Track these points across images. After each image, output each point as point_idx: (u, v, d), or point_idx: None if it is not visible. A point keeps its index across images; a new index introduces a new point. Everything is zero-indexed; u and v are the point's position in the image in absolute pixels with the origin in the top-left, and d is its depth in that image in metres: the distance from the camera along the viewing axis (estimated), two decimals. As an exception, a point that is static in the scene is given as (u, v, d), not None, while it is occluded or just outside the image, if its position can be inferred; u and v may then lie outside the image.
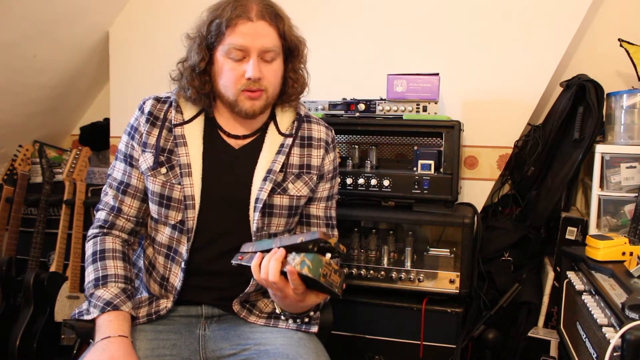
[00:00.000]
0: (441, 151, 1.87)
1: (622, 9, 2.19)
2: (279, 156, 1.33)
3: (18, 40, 2.26)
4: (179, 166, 1.28)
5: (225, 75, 1.25)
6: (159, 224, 1.32)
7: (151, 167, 1.28)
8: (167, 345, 1.24)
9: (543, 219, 2.09)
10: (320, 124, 1.42)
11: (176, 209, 1.28)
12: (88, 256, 1.28)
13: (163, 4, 2.57)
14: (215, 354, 1.25)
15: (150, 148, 1.29)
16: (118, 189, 1.32)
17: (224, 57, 1.25)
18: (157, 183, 1.28)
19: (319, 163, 1.38)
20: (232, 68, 1.24)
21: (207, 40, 1.26)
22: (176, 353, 1.23)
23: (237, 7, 1.23)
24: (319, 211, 1.42)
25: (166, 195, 1.28)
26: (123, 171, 1.32)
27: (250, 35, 1.22)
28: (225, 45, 1.23)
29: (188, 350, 1.25)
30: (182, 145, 1.29)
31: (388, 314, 1.84)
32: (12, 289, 2.30)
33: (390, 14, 2.30)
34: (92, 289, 1.22)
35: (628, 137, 1.83)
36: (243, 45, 1.22)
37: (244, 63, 1.24)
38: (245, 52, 1.23)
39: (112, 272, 1.24)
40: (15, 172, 2.55)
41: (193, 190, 1.27)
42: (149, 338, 1.24)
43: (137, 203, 1.33)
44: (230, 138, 1.34)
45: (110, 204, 1.32)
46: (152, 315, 1.28)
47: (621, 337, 1.04)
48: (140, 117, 1.32)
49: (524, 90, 2.15)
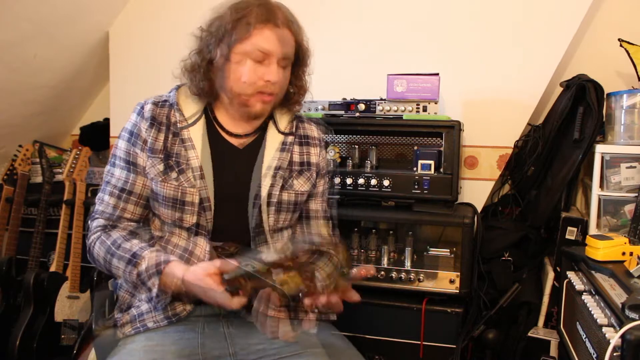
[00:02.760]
0: (441, 151, 1.87)
1: (622, 9, 2.19)
2: (284, 154, 1.36)
3: (18, 40, 2.26)
4: (190, 169, 1.28)
5: (244, 75, 1.25)
6: (174, 227, 1.30)
7: (162, 172, 1.28)
8: (195, 345, 1.23)
9: (543, 219, 2.08)
10: (312, 122, 1.47)
11: (191, 212, 1.27)
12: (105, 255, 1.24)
13: (163, 4, 2.57)
14: (245, 349, 1.24)
15: (157, 153, 1.28)
16: (120, 197, 1.29)
17: (243, 56, 1.25)
18: (168, 188, 1.27)
19: (318, 160, 1.43)
20: (253, 69, 1.25)
21: (230, 37, 1.24)
22: (206, 352, 1.22)
23: (266, 12, 1.24)
24: (317, 205, 1.45)
25: (179, 199, 1.27)
26: (125, 179, 1.29)
27: (276, 40, 1.24)
28: (249, 45, 1.23)
29: (217, 349, 1.24)
30: (190, 148, 1.29)
31: (388, 314, 1.84)
32: (12, 289, 2.30)
33: (390, 14, 2.30)
34: (133, 271, 1.19)
35: (628, 137, 1.83)
36: (268, 49, 1.24)
37: (263, 66, 1.25)
38: (267, 55, 1.25)
39: (136, 248, 1.22)
40: (15, 172, 2.55)
41: (208, 192, 1.28)
42: (175, 339, 1.22)
43: (140, 210, 1.32)
44: (232, 137, 1.35)
45: (107, 213, 1.29)
46: (171, 318, 1.26)
47: (621, 337, 1.03)
48: (140, 123, 1.29)
49: (524, 90, 2.15)
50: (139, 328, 1.25)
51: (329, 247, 1.15)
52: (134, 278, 1.20)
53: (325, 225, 1.47)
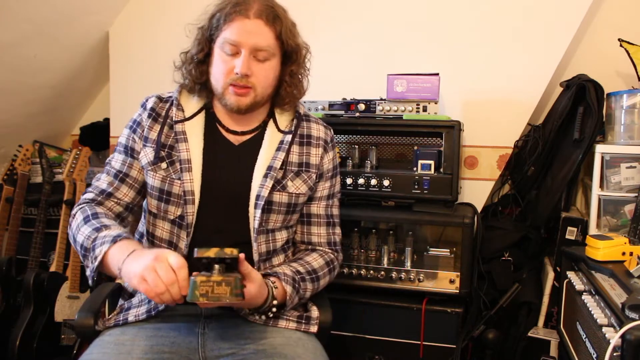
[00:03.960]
0: (441, 151, 1.87)
1: (622, 9, 2.19)
2: (279, 153, 1.34)
3: (18, 40, 2.26)
4: (179, 161, 1.29)
5: (216, 67, 1.30)
6: (157, 219, 1.33)
7: (152, 161, 1.30)
8: (166, 343, 1.24)
9: (543, 219, 2.08)
10: (319, 123, 1.45)
11: (176, 204, 1.29)
12: (79, 222, 1.24)
13: (163, 4, 2.57)
14: (214, 352, 1.25)
15: (151, 143, 1.32)
16: (116, 177, 1.32)
17: (219, 50, 1.29)
18: (157, 178, 1.30)
19: (318, 162, 1.40)
20: (223, 61, 1.28)
21: (208, 32, 1.30)
22: (175, 351, 1.23)
23: (239, 4, 1.26)
24: (319, 210, 1.43)
25: (166, 190, 1.29)
26: (122, 162, 1.34)
27: (244, 31, 1.25)
28: (221, 38, 1.28)
29: (187, 348, 1.25)
30: (182, 141, 1.31)
31: (388, 314, 1.84)
32: (12, 289, 2.30)
33: (390, 14, 2.30)
34: (94, 234, 1.18)
35: (628, 137, 1.83)
36: (235, 40, 1.25)
37: (236, 58, 1.27)
38: (237, 47, 1.26)
39: (111, 223, 1.22)
40: (15, 172, 2.55)
41: (193, 185, 1.28)
42: (148, 335, 1.24)
43: (133, 193, 1.34)
44: (230, 134, 1.36)
45: (100, 188, 1.32)
46: (151, 312, 1.28)
47: (621, 337, 1.03)
48: (143, 113, 1.35)
49: (524, 90, 2.15)
50: (119, 321, 1.28)
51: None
52: (89, 243, 1.18)
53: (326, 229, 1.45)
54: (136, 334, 1.23)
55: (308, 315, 1.35)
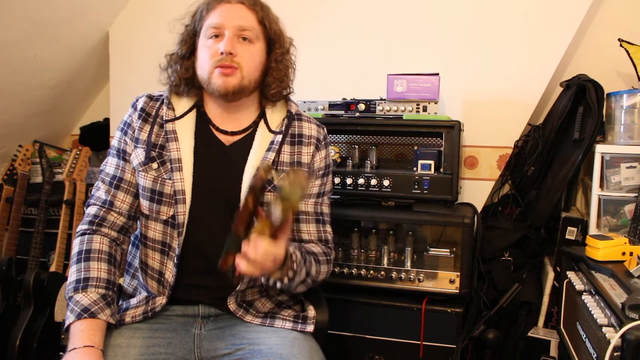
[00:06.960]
0: (441, 151, 1.87)
1: (622, 9, 2.19)
2: (269, 153, 1.33)
3: (18, 40, 2.26)
4: (169, 161, 1.29)
5: (201, 56, 1.31)
6: (150, 220, 1.32)
7: (143, 162, 1.30)
8: (162, 344, 1.24)
9: (543, 219, 2.09)
10: (311, 121, 1.43)
11: (167, 204, 1.29)
12: (73, 255, 1.27)
13: (163, 4, 2.57)
14: (210, 353, 1.26)
15: (142, 144, 1.31)
16: (111, 184, 1.32)
17: (204, 39, 1.30)
18: (148, 178, 1.29)
19: (309, 160, 1.38)
20: (208, 47, 1.29)
21: (192, 26, 1.33)
22: (171, 351, 1.23)
23: None
24: (308, 207, 1.40)
25: (157, 190, 1.29)
26: (116, 166, 1.34)
27: (226, 14, 1.28)
28: (205, 26, 1.30)
29: (183, 349, 1.25)
30: (173, 140, 1.31)
31: (388, 314, 1.84)
32: (12, 289, 2.30)
33: (390, 14, 2.30)
34: (71, 292, 1.20)
35: (628, 137, 1.83)
36: (218, 22, 1.28)
37: (220, 41, 1.28)
38: (221, 29, 1.28)
39: (95, 275, 1.22)
40: (15, 172, 2.55)
41: (183, 185, 1.28)
42: (144, 336, 1.24)
43: (130, 198, 1.33)
44: (221, 134, 1.35)
45: (102, 198, 1.32)
46: (148, 313, 1.28)
47: (621, 337, 1.04)
48: (133, 114, 1.35)
49: (524, 90, 2.15)
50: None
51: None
52: (67, 295, 1.21)
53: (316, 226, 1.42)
54: (132, 335, 1.23)
55: (304, 315, 1.35)
